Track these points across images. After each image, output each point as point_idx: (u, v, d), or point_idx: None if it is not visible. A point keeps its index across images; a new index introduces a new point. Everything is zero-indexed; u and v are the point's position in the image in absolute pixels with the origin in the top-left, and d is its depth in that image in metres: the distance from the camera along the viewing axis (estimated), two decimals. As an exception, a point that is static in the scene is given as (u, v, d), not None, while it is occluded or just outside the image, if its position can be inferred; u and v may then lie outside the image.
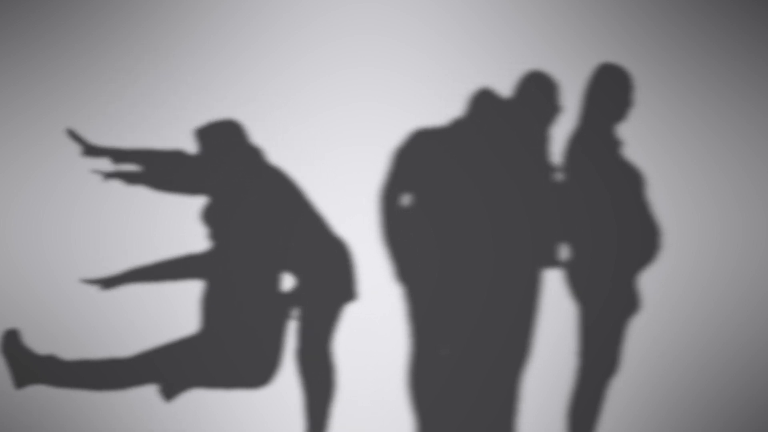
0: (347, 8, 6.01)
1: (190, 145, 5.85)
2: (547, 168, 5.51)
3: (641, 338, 5.89)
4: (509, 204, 5.46)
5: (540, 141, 5.51)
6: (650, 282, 5.85)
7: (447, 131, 5.53)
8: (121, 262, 5.92)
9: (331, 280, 5.42)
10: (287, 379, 5.65)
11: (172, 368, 5.38)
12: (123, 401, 5.83)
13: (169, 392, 5.42)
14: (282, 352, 5.48)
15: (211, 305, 5.45)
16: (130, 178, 5.38)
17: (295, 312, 5.46)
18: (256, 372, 5.42)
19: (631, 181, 5.51)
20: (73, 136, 5.40)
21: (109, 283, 5.33)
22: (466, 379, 5.46)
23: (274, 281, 5.44)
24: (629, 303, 5.53)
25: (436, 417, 5.47)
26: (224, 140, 5.51)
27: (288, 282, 5.45)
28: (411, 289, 5.52)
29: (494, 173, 5.48)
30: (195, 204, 5.89)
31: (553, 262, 5.53)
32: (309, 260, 5.42)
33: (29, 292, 5.93)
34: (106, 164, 5.59)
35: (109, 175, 5.36)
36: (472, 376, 5.46)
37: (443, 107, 5.94)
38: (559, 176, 5.52)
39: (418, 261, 5.51)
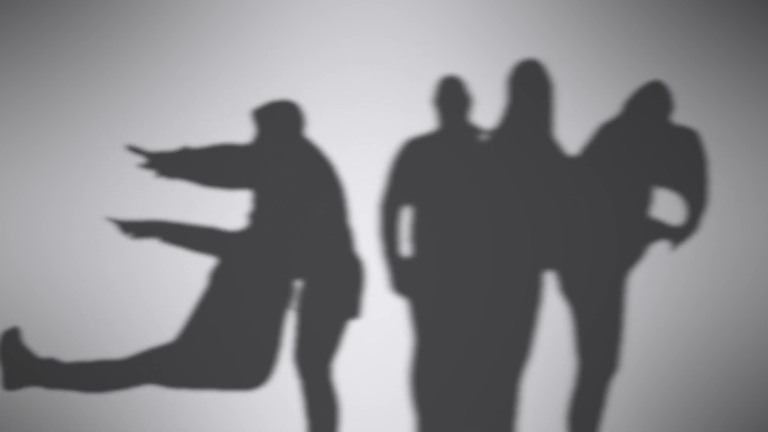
0: (347, 8, 6.02)
1: (191, 144, 5.85)
2: (547, 168, 5.51)
3: (641, 338, 5.89)
4: (509, 204, 5.46)
5: (540, 142, 5.51)
6: (650, 282, 5.85)
7: (447, 132, 5.53)
8: (121, 262, 5.92)
9: (338, 293, 5.43)
10: (287, 379, 5.65)
11: (171, 367, 5.38)
12: (123, 401, 5.83)
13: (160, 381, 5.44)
14: (279, 353, 5.48)
15: (211, 305, 5.45)
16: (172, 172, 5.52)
17: (295, 312, 5.46)
18: (253, 371, 5.42)
19: (631, 181, 5.51)
20: (134, 150, 5.48)
21: (130, 226, 5.43)
22: (467, 380, 5.46)
23: (278, 281, 5.45)
24: (629, 303, 5.53)
25: (438, 417, 5.47)
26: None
27: (292, 285, 5.45)
28: (413, 288, 5.52)
29: (494, 174, 5.48)
30: (195, 205, 5.89)
31: (553, 262, 5.53)
32: (316, 268, 5.42)
33: (29, 292, 5.93)
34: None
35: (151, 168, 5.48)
36: (473, 376, 5.46)
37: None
38: (559, 177, 5.52)
39: (420, 261, 5.51)
